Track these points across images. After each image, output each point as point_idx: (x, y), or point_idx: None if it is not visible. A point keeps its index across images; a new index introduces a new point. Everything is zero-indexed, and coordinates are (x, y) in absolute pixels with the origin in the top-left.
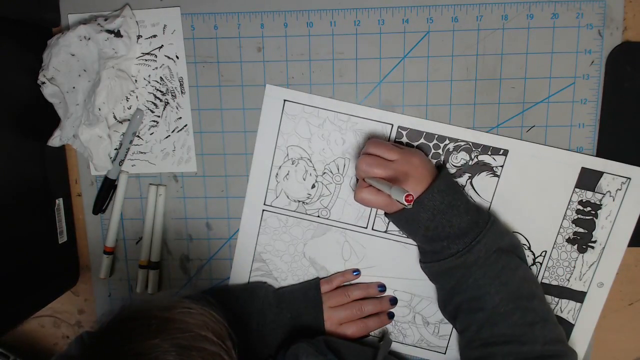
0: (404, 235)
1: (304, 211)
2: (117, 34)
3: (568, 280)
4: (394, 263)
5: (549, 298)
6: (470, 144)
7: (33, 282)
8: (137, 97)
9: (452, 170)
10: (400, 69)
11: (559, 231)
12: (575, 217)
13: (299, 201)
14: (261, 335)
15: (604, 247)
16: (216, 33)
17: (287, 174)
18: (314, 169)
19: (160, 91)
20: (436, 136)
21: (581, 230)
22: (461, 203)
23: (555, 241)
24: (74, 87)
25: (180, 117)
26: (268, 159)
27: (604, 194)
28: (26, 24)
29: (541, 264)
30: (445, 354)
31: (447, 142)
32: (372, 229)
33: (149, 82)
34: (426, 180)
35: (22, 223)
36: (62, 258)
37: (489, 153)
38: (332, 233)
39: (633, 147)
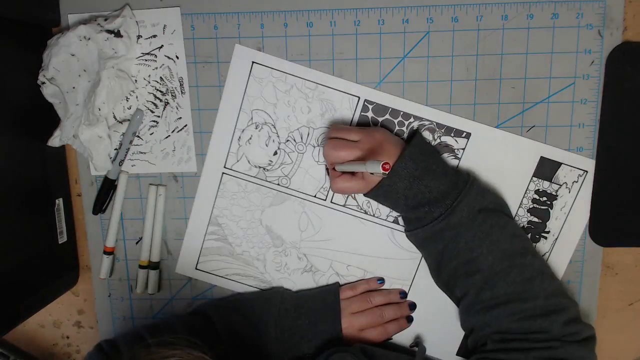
0: (361, 211)
1: (264, 177)
2: (117, 34)
3: None
4: (350, 238)
5: None
6: (435, 124)
7: (33, 282)
8: (137, 97)
9: None
10: (400, 69)
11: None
12: (531, 206)
13: (260, 167)
14: (281, 341)
15: (556, 238)
16: (216, 33)
17: (250, 138)
18: (278, 136)
19: (160, 91)
20: (401, 113)
21: (536, 219)
22: (437, 166)
23: None
24: (74, 87)
25: (180, 117)
26: (231, 121)
27: (561, 185)
28: (26, 24)
29: None
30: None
31: (411, 120)
32: (331, 201)
33: (149, 82)
34: (395, 152)
35: (22, 223)
36: (62, 258)
37: (452, 135)
38: (290, 202)
39: (633, 147)
